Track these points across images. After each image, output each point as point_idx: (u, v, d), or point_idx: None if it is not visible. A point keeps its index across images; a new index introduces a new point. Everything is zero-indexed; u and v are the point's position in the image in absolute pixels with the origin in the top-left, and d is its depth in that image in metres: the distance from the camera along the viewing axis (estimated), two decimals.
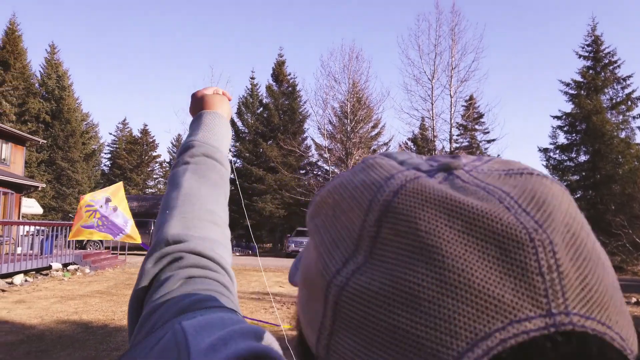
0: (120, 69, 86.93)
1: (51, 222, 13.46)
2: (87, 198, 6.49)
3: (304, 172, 35.35)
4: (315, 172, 35.47)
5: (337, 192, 0.32)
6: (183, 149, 0.74)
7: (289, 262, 20.56)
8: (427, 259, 0.26)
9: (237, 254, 28.38)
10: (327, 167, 33.22)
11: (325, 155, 32.96)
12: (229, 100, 0.89)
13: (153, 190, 59.32)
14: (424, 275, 0.26)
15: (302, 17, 79.50)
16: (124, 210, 6.59)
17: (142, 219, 27.26)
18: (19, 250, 14.06)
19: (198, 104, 0.83)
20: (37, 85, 31.19)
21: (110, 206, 6.44)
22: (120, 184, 7.15)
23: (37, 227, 15.00)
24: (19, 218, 16.60)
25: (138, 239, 6.60)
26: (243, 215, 33.53)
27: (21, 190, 17.05)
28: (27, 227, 15.30)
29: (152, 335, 0.44)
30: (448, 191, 0.28)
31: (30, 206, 21.38)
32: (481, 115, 37.55)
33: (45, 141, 25.85)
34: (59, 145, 29.60)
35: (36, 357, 5.00)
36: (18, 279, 11.24)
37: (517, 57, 79.06)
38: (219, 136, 0.77)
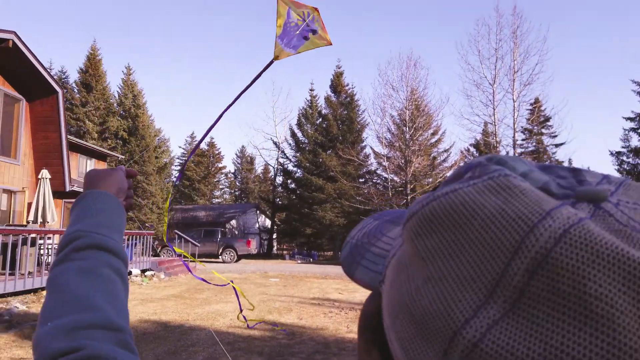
0: (187, 85, 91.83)
1: (130, 231, 14.75)
2: None
3: (363, 180, 35.67)
4: (374, 181, 35.67)
5: (461, 213, 0.26)
6: (66, 241, 0.60)
7: None
8: (594, 329, 0.22)
9: (299, 261, 29.17)
10: (386, 175, 33.35)
11: (385, 164, 33.13)
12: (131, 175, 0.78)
13: (219, 200, 62.03)
14: (591, 346, 0.21)
15: (359, 27, 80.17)
16: None
17: (210, 227, 28.84)
18: None
19: (89, 181, 0.73)
20: (115, 104, 33.88)
21: None
22: None
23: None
24: None
25: None
26: (305, 224, 34.41)
27: None
28: None
29: None
30: (620, 245, 0.22)
31: None
32: (548, 119, 36.17)
33: (123, 156, 28.04)
34: (135, 160, 31.94)
35: None
36: None
37: (585, 57, 74.90)
38: (109, 221, 0.64)
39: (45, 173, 11.41)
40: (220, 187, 64.58)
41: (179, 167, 62.84)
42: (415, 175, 32.37)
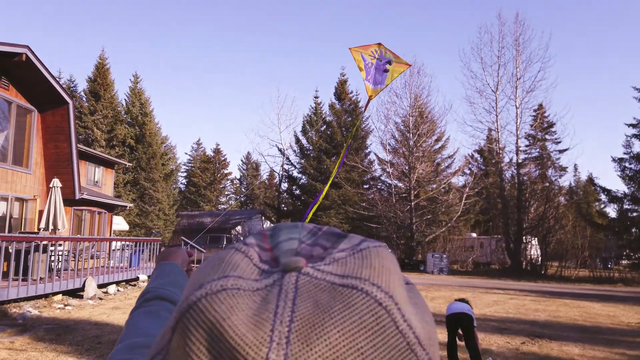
0: (194, 93, 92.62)
1: (138, 238, 15.12)
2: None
3: (367, 186, 35.93)
4: (378, 187, 35.90)
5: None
6: (141, 295, 0.83)
7: None
8: None
9: None
10: (390, 182, 33.60)
11: (389, 170, 33.39)
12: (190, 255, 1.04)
13: (225, 206, 62.38)
14: None
15: (363, 36, 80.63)
16: None
17: (215, 234, 29.18)
18: (111, 263, 15.87)
19: (161, 256, 0.96)
20: (123, 112, 34.42)
21: None
22: None
23: (123, 243, 16.83)
24: (110, 235, 18.60)
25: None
26: None
27: (113, 209, 19.12)
28: (117, 243, 17.21)
29: None
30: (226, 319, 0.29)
31: (118, 223, 23.74)
32: (551, 125, 36.31)
33: (130, 164, 28.47)
34: (142, 167, 32.41)
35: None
36: (112, 288, 12.81)
37: (586, 65, 75.01)
38: (174, 281, 0.86)
39: (56, 182, 11.80)
40: (226, 193, 65.02)
41: (185, 174, 63.47)
42: (419, 181, 32.59)
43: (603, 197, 26.18)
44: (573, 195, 54.18)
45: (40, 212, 13.08)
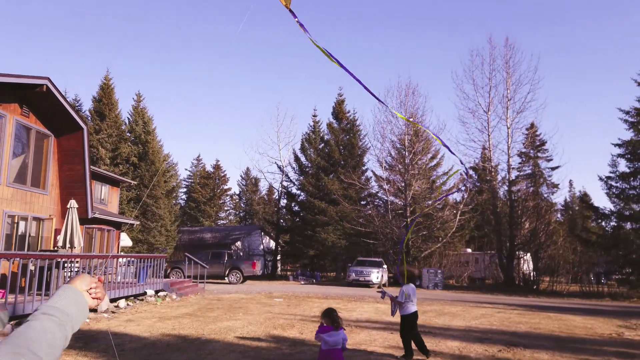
0: (194, 109, 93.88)
1: (145, 254, 15.92)
2: None
3: (364, 203, 36.81)
4: (375, 203, 36.78)
5: None
6: (35, 310, 1.07)
7: (349, 290, 21.97)
8: None
9: (302, 282, 30.12)
10: (387, 198, 34.48)
11: (385, 187, 34.32)
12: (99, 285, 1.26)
13: (224, 222, 63.07)
14: None
15: (360, 57, 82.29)
16: None
17: (216, 250, 29.92)
18: (118, 278, 16.65)
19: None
20: (127, 131, 35.40)
21: None
22: None
23: (129, 259, 17.62)
24: (117, 251, 19.41)
25: None
26: (308, 245, 35.46)
27: (119, 227, 19.95)
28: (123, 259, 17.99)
29: None
30: None
31: (122, 239, 24.54)
32: (543, 143, 37.39)
33: (135, 182, 29.34)
34: (145, 184, 33.25)
35: (154, 357, 6.94)
36: (122, 303, 13.60)
37: (574, 86, 76.88)
38: (61, 299, 1.11)
39: (73, 203, 12.68)
40: (226, 208, 65.73)
41: (185, 190, 64.23)
42: (415, 198, 33.49)
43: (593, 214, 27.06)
44: (569, 211, 55.22)
45: (56, 231, 13.93)
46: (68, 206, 12.58)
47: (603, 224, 26.97)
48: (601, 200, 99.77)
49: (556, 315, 13.98)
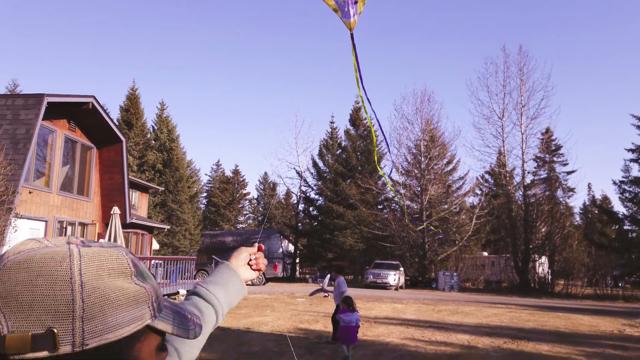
0: (214, 114, 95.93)
1: (179, 257, 17.13)
2: None
3: (381, 207, 37.70)
4: (392, 207, 37.64)
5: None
6: (192, 290, 1.07)
7: (367, 292, 22.92)
8: None
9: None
10: (403, 202, 35.30)
11: (402, 191, 35.16)
12: (261, 250, 1.23)
13: (243, 226, 64.50)
14: None
15: (376, 65, 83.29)
16: None
17: None
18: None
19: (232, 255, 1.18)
20: (152, 140, 36.99)
21: None
22: None
23: (157, 261, 18.89)
24: (150, 253, 20.71)
25: None
26: (326, 248, 36.49)
27: (151, 230, 21.27)
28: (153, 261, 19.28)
29: None
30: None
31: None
32: (559, 147, 37.84)
33: (162, 188, 30.79)
34: (169, 190, 34.73)
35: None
36: None
37: (588, 92, 76.98)
38: (220, 285, 1.08)
39: (116, 209, 13.93)
40: (245, 212, 67.15)
41: (205, 194, 65.89)
42: (431, 202, 34.24)
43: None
44: (588, 215, 55.20)
45: (99, 235, 15.23)
46: (111, 212, 13.82)
47: (617, 227, 27.38)
48: (619, 204, 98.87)
49: (565, 315, 14.74)
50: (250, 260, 1.20)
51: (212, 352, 7.35)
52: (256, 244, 1.24)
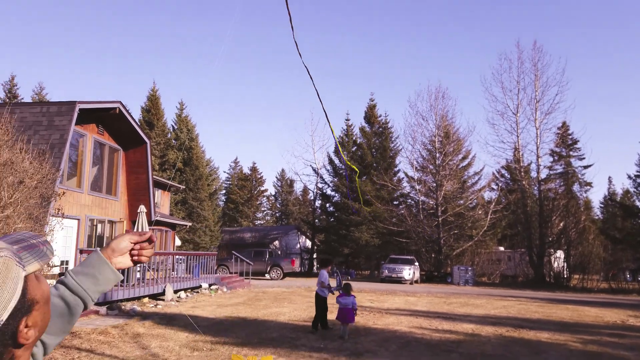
0: (232, 112, 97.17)
1: (201, 252, 17.97)
2: None
3: (396, 203, 38.18)
4: (407, 203, 38.08)
5: None
6: (61, 279, 1.06)
7: (382, 286, 23.54)
8: None
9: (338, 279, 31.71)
10: (418, 198, 35.75)
11: (417, 187, 35.60)
12: (151, 240, 1.16)
13: (262, 222, 65.56)
14: None
15: (390, 62, 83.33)
16: None
17: (258, 248, 32.05)
18: (174, 274, 18.83)
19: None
20: (173, 139, 38.09)
21: None
22: None
23: (178, 257, 19.81)
24: (173, 249, 21.68)
25: None
26: (342, 244, 37.17)
27: (174, 227, 22.22)
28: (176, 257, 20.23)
29: None
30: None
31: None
32: (575, 142, 37.80)
33: (183, 186, 31.83)
34: (190, 188, 35.79)
35: (225, 330, 8.81)
36: (182, 294, 15.70)
37: (603, 87, 75.88)
38: (89, 275, 1.06)
39: (142, 208, 14.84)
40: (262, 209, 68.20)
41: (223, 191, 67.11)
42: (447, 198, 34.60)
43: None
44: (608, 208, 54.72)
45: (126, 232, 16.18)
46: (138, 211, 14.73)
47: (634, 222, 27.43)
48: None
49: (574, 307, 15.16)
50: (133, 249, 1.13)
51: (236, 337, 8.11)
52: (148, 232, 1.15)
